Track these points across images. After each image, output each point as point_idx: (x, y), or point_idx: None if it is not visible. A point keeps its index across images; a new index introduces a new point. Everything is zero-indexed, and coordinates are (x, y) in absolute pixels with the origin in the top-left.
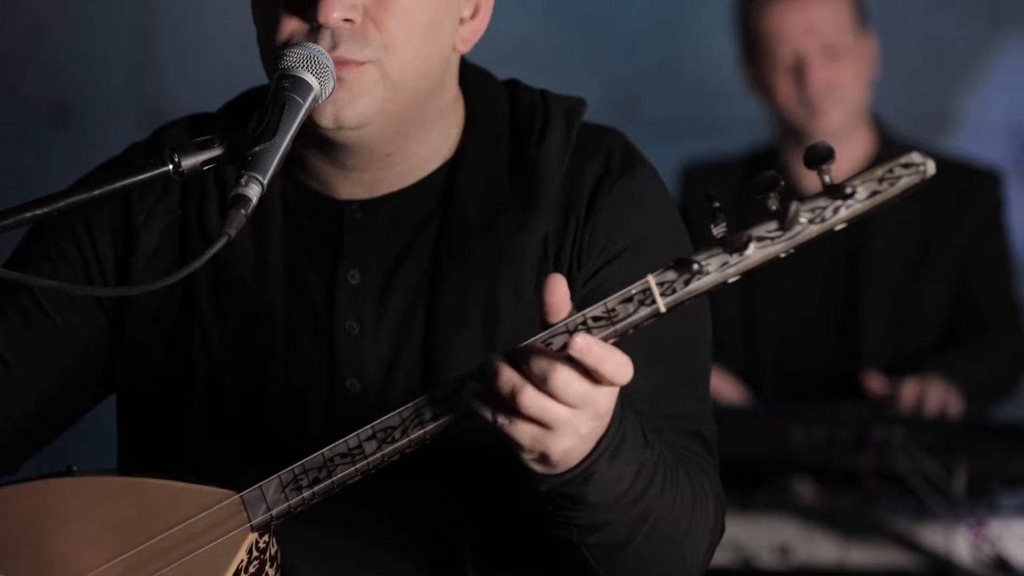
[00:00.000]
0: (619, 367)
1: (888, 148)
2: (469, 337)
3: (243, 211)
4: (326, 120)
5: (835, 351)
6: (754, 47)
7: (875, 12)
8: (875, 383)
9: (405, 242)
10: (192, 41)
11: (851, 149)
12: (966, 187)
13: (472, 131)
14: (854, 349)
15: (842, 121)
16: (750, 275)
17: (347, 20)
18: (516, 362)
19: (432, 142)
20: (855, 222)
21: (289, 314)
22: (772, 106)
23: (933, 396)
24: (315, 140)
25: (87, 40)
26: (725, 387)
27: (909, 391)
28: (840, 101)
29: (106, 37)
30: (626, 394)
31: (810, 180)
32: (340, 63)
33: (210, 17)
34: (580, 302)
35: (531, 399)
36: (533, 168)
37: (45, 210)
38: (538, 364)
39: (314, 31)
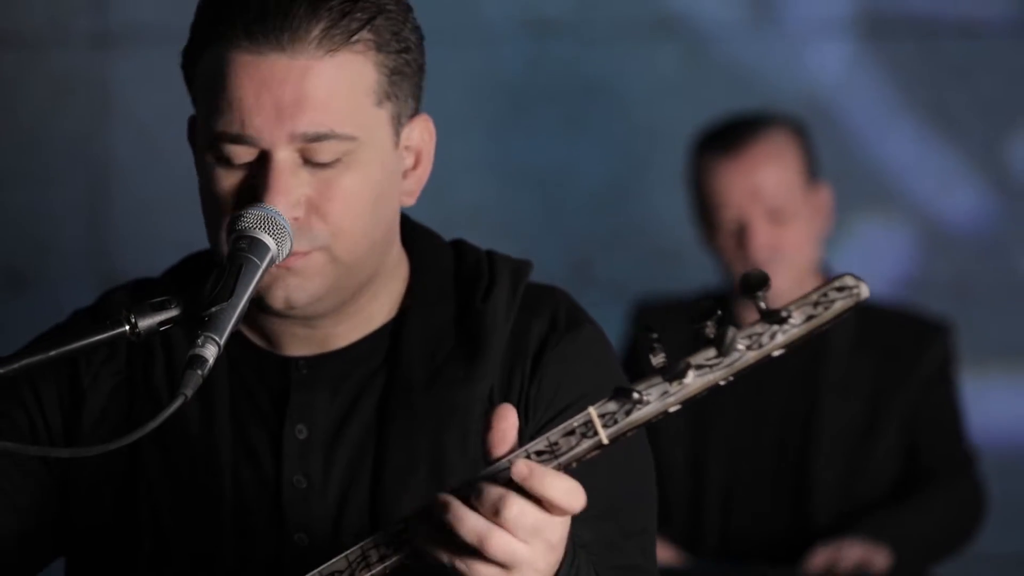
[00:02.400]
0: (567, 492)
1: None
2: (416, 491)
3: (199, 371)
4: (277, 303)
5: (784, 510)
6: (701, 206)
7: None
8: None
9: (352, 397)
10: (148, 204)
11: None
12: (917, 339)
13: (418, 288)
14: (803, 507)
15: (788, 284)
16: (690, 404)
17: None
18: (465, 499)
19: (378, 299)
20: (793, 348)
21: (236, 470)
22: (720, 265)
23: (847, 559)
24: (264, 304)
25: (41, 205)
26: (662, 551)
27: (820, 560)
28: (785, 265)
29: (60, 201)
30: (578, 546)
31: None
32: (287, 256)
33: (165, 181)
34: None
35: (498, 542)
36: (479, 322)
37: (3, 370)
38: (490, 494)
39: None
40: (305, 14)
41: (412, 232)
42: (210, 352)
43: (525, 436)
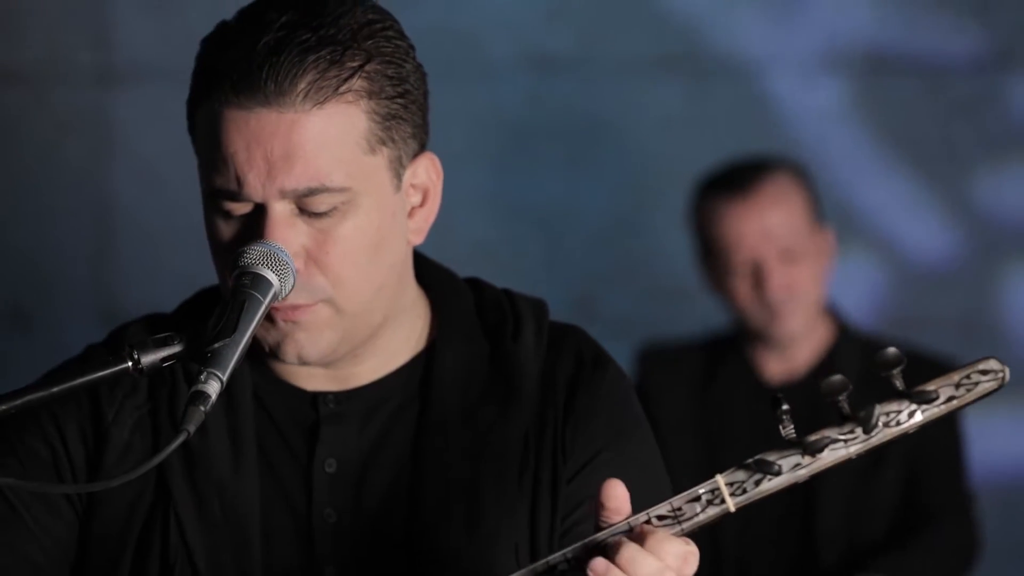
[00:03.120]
0: (676, 556)
1: (847, 339)
2: (453, 526)
3: (202, 408)
4: (290, 358)
5: (792, 549)
6: (710, 250)
7: None
8: None
9: (381, 431)
10: (152, 241)
11: (808, 342)
12: (920, 374)
13: (444, 324)
14: (810, 546)
15: (802, 323)
16: (816, 478)
17: None
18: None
19: (400, 336)
20: (927, 426)
21: (266, 504)
22: (731, 307)
23: None
24: (278, 359)
25: (45, 241)
26: None
27: None
28: (800, 304)
29: (64, 238)
30: None
31: (770, 370)
32: (290, 309)
33: (168, 218)
34: (565, 498)
35: None
36: (512, 361)
37: (6, 406)
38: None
39: None
40: (291, 67)
41: (427, 269)
42: (213, 388)
43: (562, 478)
